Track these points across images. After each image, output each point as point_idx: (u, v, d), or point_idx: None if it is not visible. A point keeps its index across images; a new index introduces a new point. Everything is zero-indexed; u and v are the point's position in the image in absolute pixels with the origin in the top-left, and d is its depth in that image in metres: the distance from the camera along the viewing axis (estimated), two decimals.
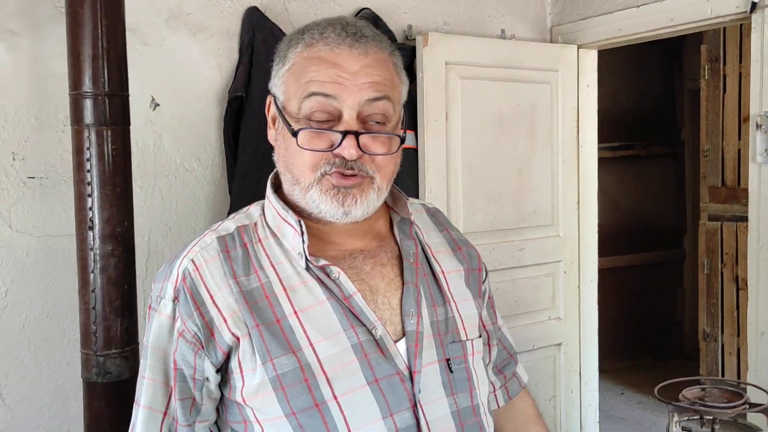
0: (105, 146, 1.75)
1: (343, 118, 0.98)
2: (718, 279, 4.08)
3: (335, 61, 0.99)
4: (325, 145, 0.99)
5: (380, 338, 0.99)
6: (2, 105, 2.02)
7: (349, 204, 1.00)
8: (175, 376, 1.00)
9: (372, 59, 1.01)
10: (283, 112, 1.03)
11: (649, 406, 4.33)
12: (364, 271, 1.05)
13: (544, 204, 2.94)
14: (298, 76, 1.01)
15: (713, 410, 1.56)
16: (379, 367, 0.98)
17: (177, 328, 0.99)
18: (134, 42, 2.14)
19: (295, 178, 1.02)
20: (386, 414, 0.97)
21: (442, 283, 1.11)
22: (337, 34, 1.00)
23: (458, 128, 2.67)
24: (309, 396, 0.95)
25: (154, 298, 1.03)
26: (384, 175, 1.02)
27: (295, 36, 1.05)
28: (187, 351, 0.99)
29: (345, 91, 0.98)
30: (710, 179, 4.14)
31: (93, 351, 1.77)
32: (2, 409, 2.04)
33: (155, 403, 1.01)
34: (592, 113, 3.06)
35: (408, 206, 1.12)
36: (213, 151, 2.35)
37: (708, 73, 4.07)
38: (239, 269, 1.01)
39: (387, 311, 1.03)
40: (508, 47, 2.83)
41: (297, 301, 0.99)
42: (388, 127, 1.02)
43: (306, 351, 0.96)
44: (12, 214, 2.04)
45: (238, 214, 1.11)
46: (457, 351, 1.07)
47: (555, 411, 3.04)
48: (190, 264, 1.01)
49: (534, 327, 2.94)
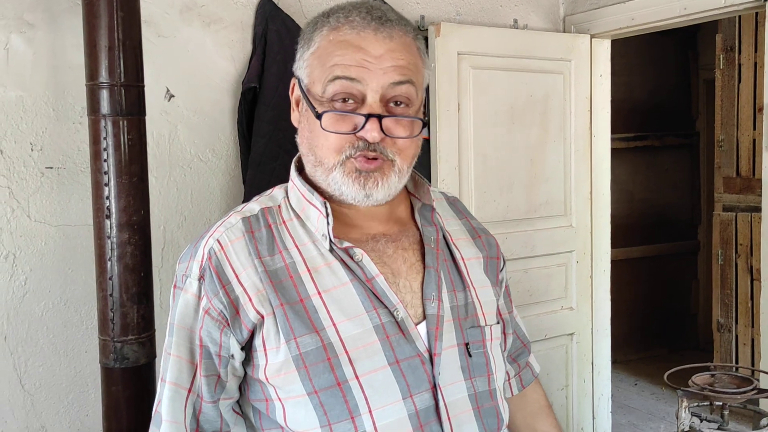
0: (121, 136, 1.77)
1: (367, 101, 0.99)
2: (733, 270, 4.06)
3: (360, 45, 1.00)
4: (348, 127, 1.00)
5: (402, 320, 1.01)
6: (20, 96, 2.05)
7: (371, 187, 1.01)
8: (201, 353, 1.01)
9: (397, 43, 1.02)
10: (308, 94, 1.04)
11: (662, 397, 4.33)
12: (386, 254, 1.06)
13: (557, 194, 2.94)
14: (323, 60, 1.02)
15: (723, 396, 1.56)
16: (400, 348, 1.00)
17: (203, 306, 1.00)
18: (149, 34, 2.16)
19: (318, 159, 1.03)
20: (406, 395, 0.99)
21: (462, 269, 1.12)
22: (362, 18, 1.01)
23: (470, 118, 2.68)
24: (331, 375, 0.97)
25: (179, 277, 1.04)
26: (405, 157, 1.03)
27: (320, 19, 1.06)
28: (213, 328, 1.00)
29: (369, 75, 0.99)
30: (725, 169, 4.12)
31: (111, 337, 1.81)
32: (22, 395, 2.08)
33: (180, 380, 1.02)
34: (605, 103, 3.05)
35: (430, 192, 1.14)
36: (227, 142, 2.37)
37: (723, 62, 4.03)
38: (264, 249, 1.02)
39: (408, 294, 1.05)
40: (521, 37, 2.83)
41: (320, 281, 1.01)
42: (411, 111, 1.03)
43: (329, 330, 0.98)
44: (30, 204, 2.07)
45: (262, 197, 1.12)
46: (476, 336, 1.08)
47: (567, 400, 3.04)
48: (216, 244, 1.02)
49: (546, 316, 2.94)
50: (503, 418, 1.10)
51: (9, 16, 2.03)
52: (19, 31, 2.04)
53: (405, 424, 0.98)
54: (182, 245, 2.29)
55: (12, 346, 2.06)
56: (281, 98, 2.28)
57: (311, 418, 0.98)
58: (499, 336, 1.15)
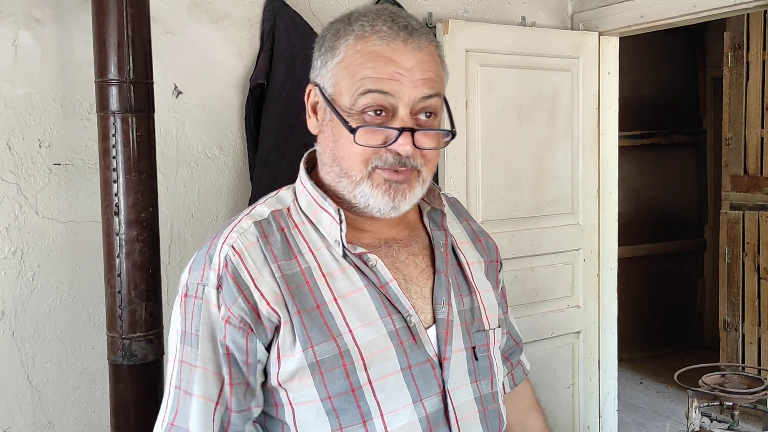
0: (130, 133, 1.77)
1: (398, 114, 0.99)
2: (740, 268, 4.05)
3: (391, 57, 0.99)
4: (379, 140, 0.99)
5: (414, 326, 1.02)
6: (28, 93, 2.05)
7: (399, 199, 1.01)
8: (228, 362, 0.99)
9: (425, 54, 1.01)
10: (334, 104, 1.02)
11: (668, 396, 4.32)
12: (399, 260, 1.07)
13: (564, 192, 2.93)
14: (353, 71, 1.00)
15: (733, 396, 1.56)
16: (413, 354, 1.01)
17: (222, 315, 0.98)
18: (157, 30, 2.15)
19: (344, 171, 1.02)
20: (416, 399, 1.00)
21: (468, 273, 1.13)
22: (389, 27, 1.00)
23: (478, 116, 2.67)
24: (346, 381, 0.97)
25: (193, 286, 1.01)
26: (431, 168, 1.04)
27: (342, 26, 1.03)
28: (237, 336, 0.98)
29: (401, 88, 0.98)
30: (732, 168, 4.10)
31: (119, 334, 1.81)
32: (29, 390, 2.09)
33: (208, 392, 0.99)
34: (613, 101, 3.04)
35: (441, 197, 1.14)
36: (234, 139, 2.37)
37: (731, 60, 4.02)
38: (279, 253, 1.01)
39: (419, 300, 1.05)
40: (529, 34, 2.82)
41: (336, 287, 1.01)
42: (437, 122, 1.04)
43: (345, 337, 0.98)
44: (38, 200, 2.07)
45: (269, 198, 1.10)
46: (481, 339, 1.10)
47: (573, 398, 3.04)
48: (231, 250, 1.00)
49: (553, 315, 2.94)
50: (504, 420, 1.13)
51: (17, 13, 2.03)
52: (28, 27, 2.04)
53: (415, 427, 0.99)
54: (189, 242, 2.29)
55: (20, 342, 2.07)
56: (289, 95, 2.28)
57: (323, 422, 0.98)
58: (500, 339, 1.18)
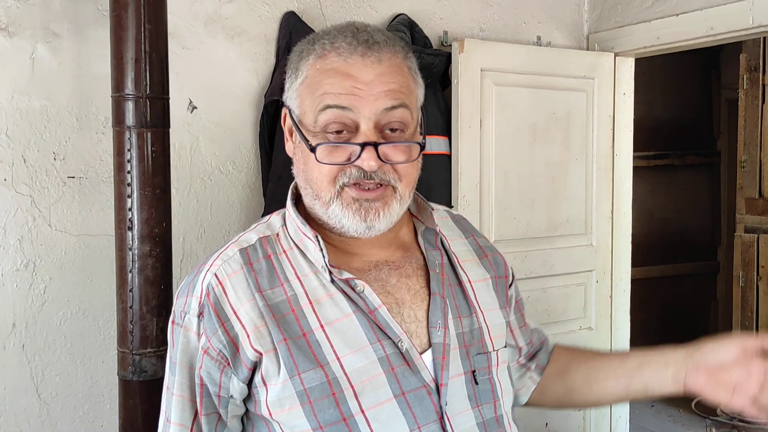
0: (145, 148, 1.77)
1: (361, 129, 0.96)
2: (754, 292, 4.01)
3: (349, 72, 0.97)
4: (343, 158, 0.97)
5: (406, 351, 0.99)
6: (44, 105, 2.06)
7: (372, 218, 0.99)
8: (201, 393, 1.00)
9: (386, 66, 0.98)
10: (300, 126, 1.01)
11: (679, 420, 4.26)
12: (389, 283, 1.04)
13: (578, 212, 2.91)
14: (312, 89, 0.99)
15: (752, 428, 1.53)
16: (406, 380, 0.98)
17: (201, 345, 0.98)
18: (173, 45, 2.16)
19: (315, 192, 1.01)
20: (413, 427, 0.97)
21: (469, 293, 1.10)
22: (348, 43, 0.98)
23: (492, 135, 2.66)
24: (336, 410, 0.95)
25: (177, 313, 1.02)
26: (407, 183, 1.01)
27: (305, 47, 1.02)
28: (212, 368, 0.98)
29: (361, 102, 0.96)
30: (747, 190, 4.07)
31: (129, 349, 1.80)
32: (38, 403, 2.08)
33: (184, 419, 1.01)
34: (627, 122, 3.02)
35: (434, 216, 1.11)
36: (248, 155, 2.37)
37: (747, 82, 4.00)
38: (264, 281, 1.00)
39: (413, 324, 1.03)
40: (544, 54, 2.81)
41: (323, 314, 0.99)
42: (407, 134, 1.00)
43: (333, 365, 0.96)
44: (52, 213, 2.08)
45: (259, 225, 1.09)
46: (482, 362, 1.07)
47: (584, 422, 3.00)
48: (213, 278, 1.00)
49: (565, 336, 2.90)
50: None
51: (36, 26, 2.04)
52: (45, 41, 2.05)
53: None
54: (201, 257, 2.28)
55: (30, 355, 2.06)
56: None
57: None
58: (507, 359, 1.14)
